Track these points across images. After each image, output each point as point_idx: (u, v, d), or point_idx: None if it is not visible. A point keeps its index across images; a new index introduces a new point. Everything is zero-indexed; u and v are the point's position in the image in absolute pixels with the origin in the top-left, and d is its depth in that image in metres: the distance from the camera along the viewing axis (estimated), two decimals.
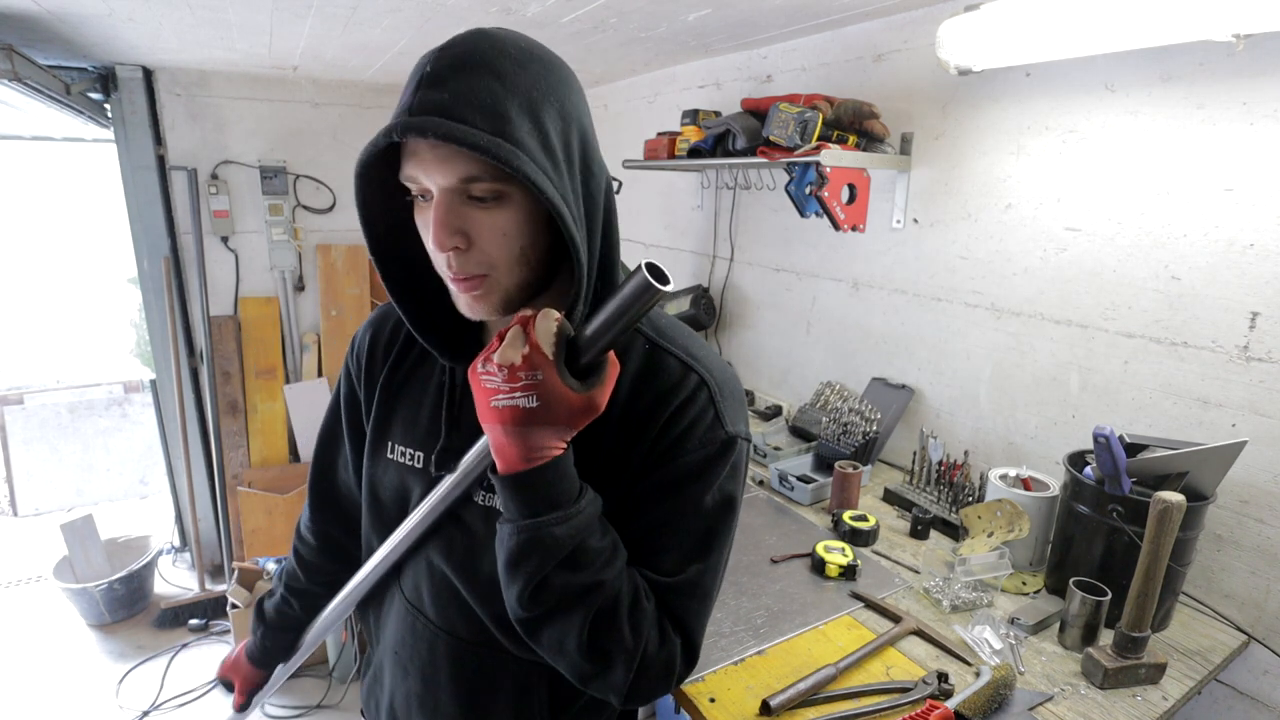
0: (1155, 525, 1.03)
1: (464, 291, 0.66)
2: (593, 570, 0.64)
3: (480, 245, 0.63)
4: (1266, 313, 1.19)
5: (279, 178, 2.98)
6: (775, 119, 1.71)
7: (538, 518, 0.62)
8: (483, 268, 0.64)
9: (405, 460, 0.81)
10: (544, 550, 0.62)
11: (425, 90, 0.58)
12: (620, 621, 0.65)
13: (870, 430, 1.75)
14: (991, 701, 1.00)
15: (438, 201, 0.61)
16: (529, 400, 0.58)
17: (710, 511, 0.70)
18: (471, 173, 0.59)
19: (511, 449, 0.61)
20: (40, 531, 3.65)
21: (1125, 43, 1.19)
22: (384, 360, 0.85)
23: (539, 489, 0.62)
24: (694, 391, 0.70)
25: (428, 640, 0.82)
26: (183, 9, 1.78)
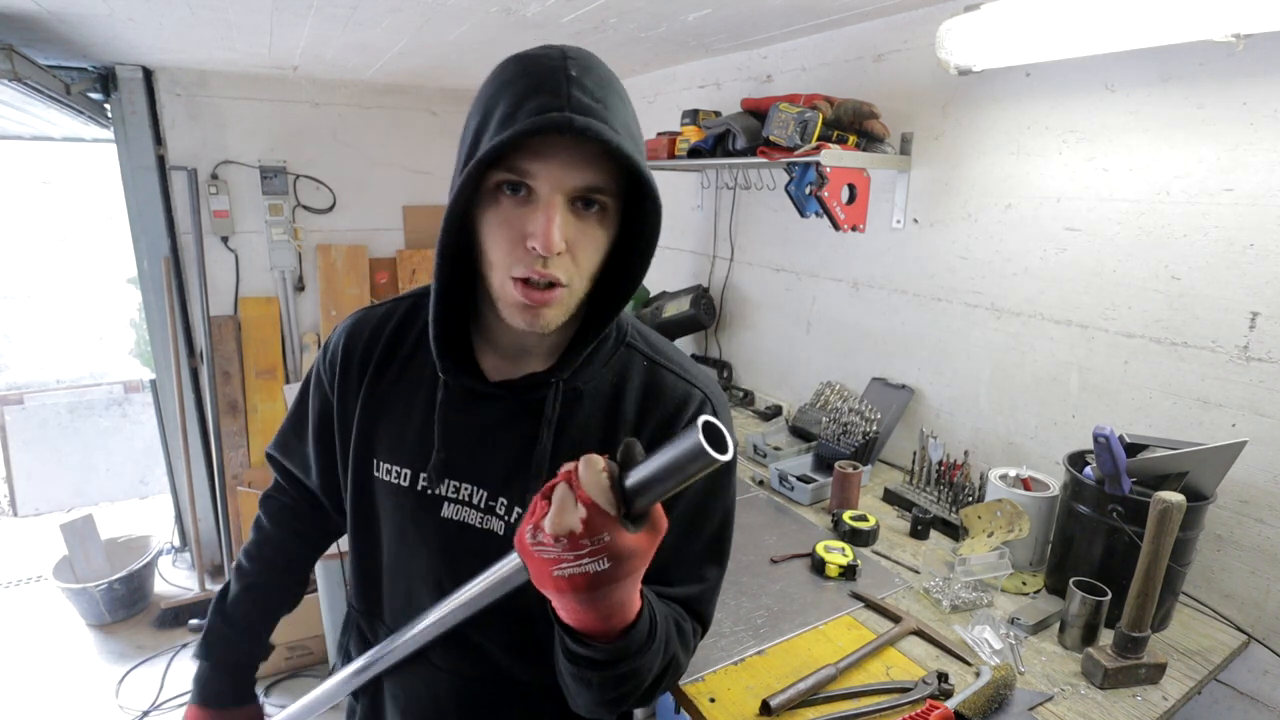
0: (1155, 525, 1.03)
1: (535, 300, 0.64)
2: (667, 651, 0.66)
3: (574, 254, 0.64)
4: (1266, 313, 1.19)
5: (279, 178, 2.98)
6: (775, 119, 1.71)
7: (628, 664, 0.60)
8: (565, 276, 0.64)
9: (392, 479, 0.78)
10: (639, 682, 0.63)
11: (575, 91, 0.59)
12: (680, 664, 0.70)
13: (870, 430, 1.75)
14: (991, 701, 1.00)
15: (551, 202, 0.61)
16: (599, 564, 0.51)
17: (721, 521, 0.75)
18: (597, 183, 0.62)
19: (588, 615, 0.55)
20: (40, 531, 3.64)
21: (1125, 43, 1.19)
22: (361, 371, 0.81)
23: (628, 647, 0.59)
24: (698, 409, 0.73)
25: (428, 683, 0.80)
26: (183, 9, 1.78)
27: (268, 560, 0.97)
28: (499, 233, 0.63)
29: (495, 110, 0.61)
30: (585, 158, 0.61)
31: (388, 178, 3.24)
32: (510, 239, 0.63)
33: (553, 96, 0.59)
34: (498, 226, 0.63)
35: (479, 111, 0.64)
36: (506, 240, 0.63)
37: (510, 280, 0.64)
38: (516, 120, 0.59)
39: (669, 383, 0.74)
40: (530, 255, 0.62)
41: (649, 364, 0.75)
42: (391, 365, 0.80)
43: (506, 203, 0.63)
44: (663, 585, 0.71)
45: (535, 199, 0.62)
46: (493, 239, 0.64)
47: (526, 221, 0.62)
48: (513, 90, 0.61)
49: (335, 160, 3.12)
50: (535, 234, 0.61)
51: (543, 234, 0.60)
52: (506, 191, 0.63)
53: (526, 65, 0.62)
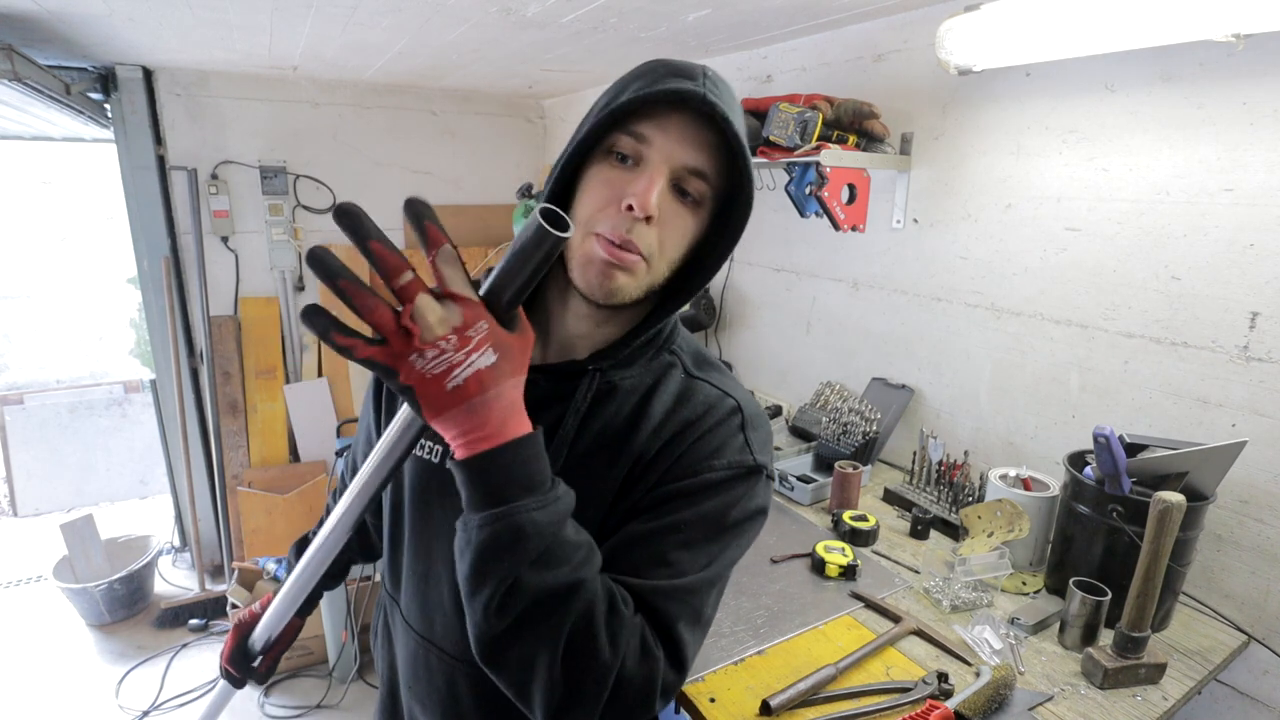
0: (1155, 525, 1.03)
1: (614, 261, 0.64)
2: (570, 567, 0.56)
3: (662, 229, 0.65)
4: (1266, 313, 1.19)
5: (279, 178, 2.98)
6: (775, 119, 1.71)
7: (511, 503, 0.53)
8: (649, 250, 0.65)
9: (423, 454, 0.78)
10: (518, 543, 0.53)
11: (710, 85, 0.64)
12: (597, 630, 0.56)
13: (870, 430, 1.75)
14: (991, 701, 1.00)
15: (659, 170, 0.64)
16: (488, 356, 0.51)
17: (721, 529, 0.68)
18: (703, 167, 0.65)
19: (486, 427, 0.53)
20: (40, 531, 3.64)
21: (1125, 43, 1.19)
22: None
23: (513, 468, 0.54)
24: (728, 415, 0.71)
25: (444, 674, 0.79)
26: (183, 9, 1.78)
27: None
28: (598, 190, 0.65)
29: (631, 86, 0.65)
30: (701, 143, 0.65)
31: (388, 178, 3.24)
32: (606, 198, 0.65)
33: (690, 79, 0.63)
34: (599, 185, 0.66)
35: (614, 89, 0.67)
36: (602, 198, 0.65)
37: (592, 236, 0.65)
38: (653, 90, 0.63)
39: (703, 390, 0.74)
40: (619, 216, 0.63)
41: (686, 377, 0.75)
42: None
43: (613, 167, 0.66)
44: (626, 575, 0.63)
45: (643, 167, 0.65)
46: (589, 195, 0.66)
47: (628, 184, 0.64)
48: (653, 74, 0.65)
49: (335, 160, 3.12)
50: (634, 194, 0.62)
51: (642, 194, 0.62)
52: (617, 159, 0.66)
53: (667, 62, 0.67)
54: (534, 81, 2.89)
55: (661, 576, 0.64)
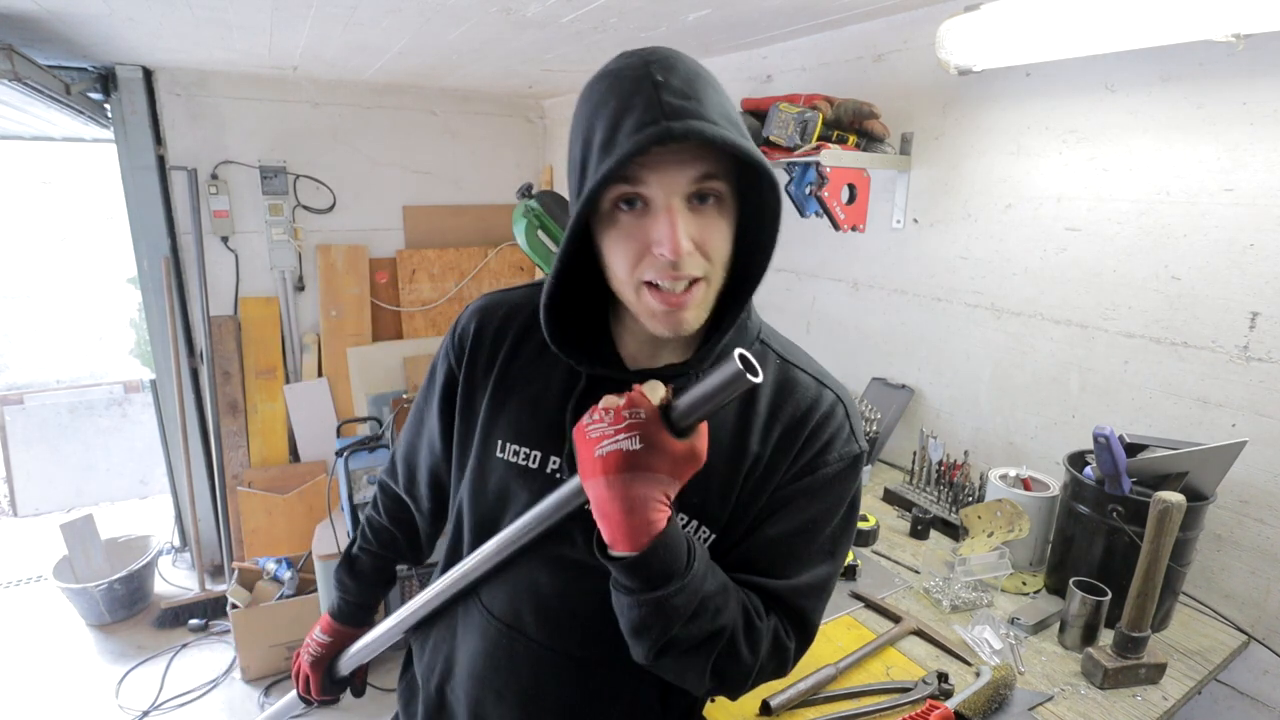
0: (1155, 525, 1.04)
1: (676, 304, 0.65)
2: (711, 618, 0.65)
3: (703, 249, 0.64)
4: (1266, 313, 1.19)
5: (279, 178, 2.98)
6: (775, 119, 1.71)
7: (655, 592, 0.61)
8: (701, 269, 0.65)
9: (518, 460, 0.77)
10: (666, 618, 0.62)
11: (666, 96, 0.60)
12: (739, 647, 0.67)
13: (870, 430, 1.75)
14: (991, 701, 1.00)
15: (670, 207, 0.62)
16: (632, 441, 0.58)
17: (842, 519, 0.75)
18: (708, 173, 0.63)
19: (615, 503, 0.59)
20: (40, 531, 3.64)
21: (1125, 43, 1.19)
22: (491, 353, 0.82)
23: (652, 567, 0.61)
24: (832, 408, 0.75)
25: (530, 662, 0.78)
26: (183, 9, 1.78)
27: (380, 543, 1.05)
28: (623, 247, 0.65)
29: (595, 136, 0.62)
30: (691, 156, 0.62)
31: (388, 178, 3.24)
32: (635, 251, 0.64)
33: (645, 110, 0.59)
34: (620, 242, 0.65)
35: (579, 138, 0.65)
36: (632, 253, 0.64)
37: (644, 286, 0.65)
38: (617, 144, 0.60)
39: (802, 382, 0.76)
40: (659, 263, 0.63)
41: (782, 363, 0.78)
42: (525, 350, 0.81)
43: (624, 219, 0.64)
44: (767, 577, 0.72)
45: (652, 208, 0.63)
46: (618, 255, 0.65)
47: (649, 231, 0.63)
48: (606, 112, 0.62)
49: (335, 160, 3.11)
50: (661, 241, 0.62)
51: (669, 240, 0.61)
52: (623, 207, 0.64)
53: (612, 83, 0.63)
54: (534, 81, 2.89)
55: (798, 575, 0.72)
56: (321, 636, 1.05)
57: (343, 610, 1.05)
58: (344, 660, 1.04)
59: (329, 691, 1.07)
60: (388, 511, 1.03)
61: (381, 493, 1.04)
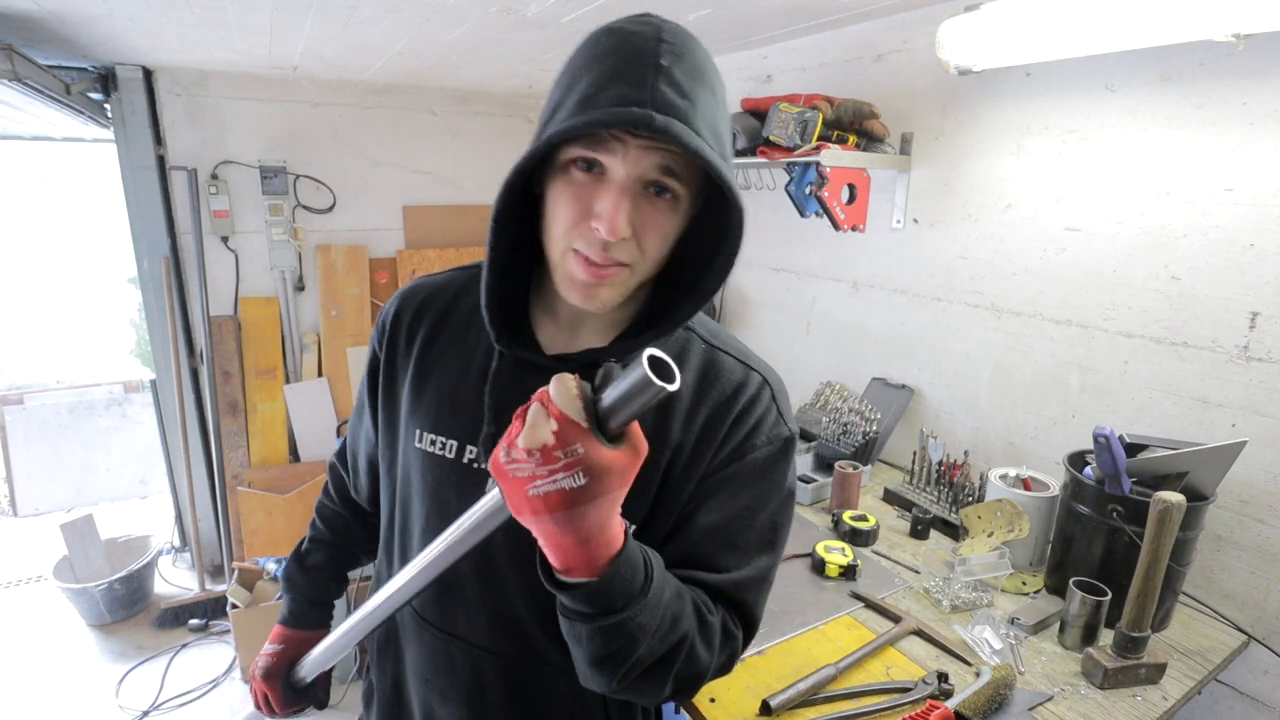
0: (1155, 525, 1.03)
1: (594, 276, 0.63)
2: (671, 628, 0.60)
3: (639, 238, 0.62)
4: (1266, 313, 1.19)
5: (279, 178, 2.98)
6: (775, 119, 1.71)
7: (619, 614, 0.55)
8: (629, 258, 0.63)
9: (434, 449, 0.75)
10: (631, 640, 0.57)
11: (663, 85, 0.57)
12: (698, 652, 0.64)
13: (870, 430, 1.75)
14: (991, 701, 1.00)
15: (623, 186, 0.60)
16: (574, 479, 0.49)
17: (777, 507, 0.72)
18: (674, 166, 0.60)
19: (565, 538, 0.52)
20: (40, 531, 3.64)
21: (1125, 43, 1.19)
22: (410, 336, 0.80)
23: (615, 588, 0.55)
24: (758, 391, 0.72)
25: (468, 664, 0.78)
26: (183, 9, 1.78)
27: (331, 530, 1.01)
28: (567, 205, 0.62)
29: (578, 85, 0.59)
30: (663, 148, 0.59)
31: (388, 178, 3.24)
32: (577, 213, 0.62)
33: (637, 88, 0.56)
34: (567, 199, 0.62)
35: (564, 82, 0.62)
36: (573, 214, 0.62)
37: (571, 252, 0.63)
38: (596, 104, 0.57)
39: (727, 365, 0.73)
40: (592, 235, 0.61)
41: (707, 347, 0.74)
42: (444, 334, 0.79)
43: (579, 177, 0.62)
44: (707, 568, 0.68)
45: (606, 180, 0.61)
46: (559, 210, 0.63)
47: (595, 199, 0.61)
48: (600, 68, 0.59)
49: (335, 160, 3.11)
50: (601, 216, 0.60)
51: (609, 218, 0.59)
52: (580, 167, 0.62)
53: (619, 42, 0.60)
54: (534, 81, 2.89)
55: (738, 567, 0.68)
56: (272, 647, 1.00)
57: (294, 613, 1.00)
58: (304, 667, 0.97)
59: (292, 701, 1.00)
60: (340, 495, 1.00)
61: (332, 476, 1.01)
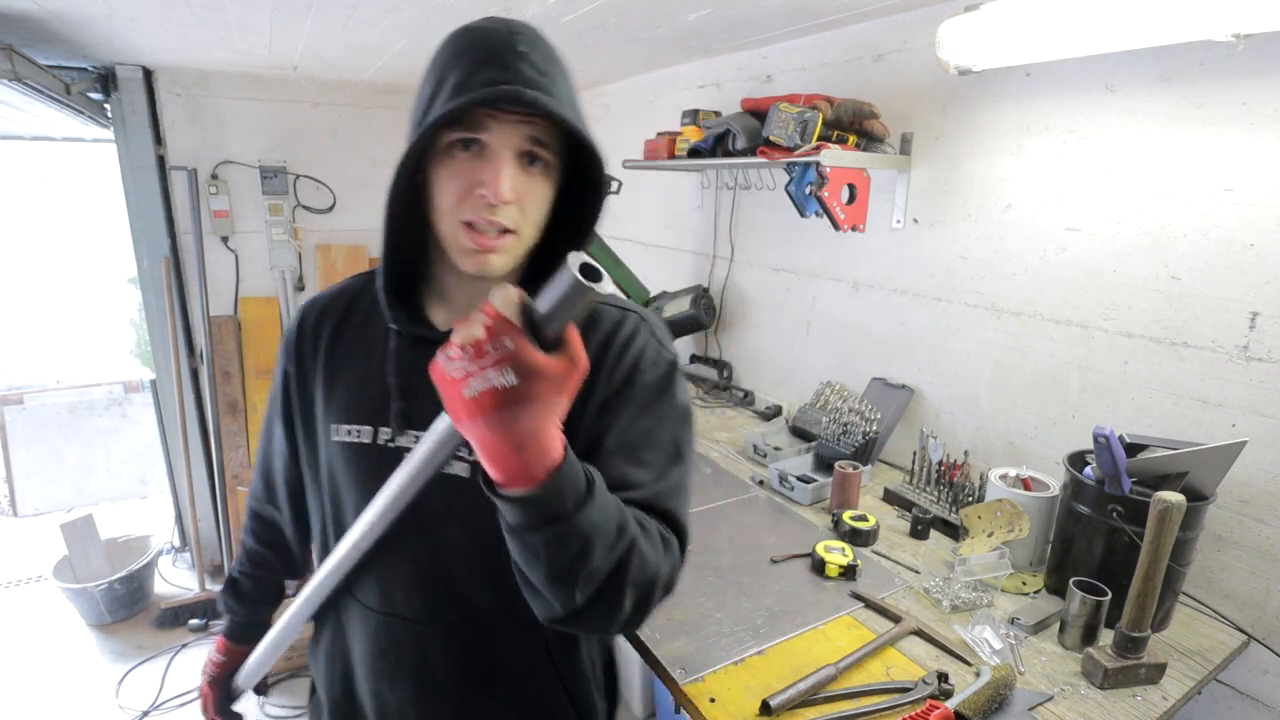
0: (1155, 525, 1.03)
1: (486, 246, 0.69)
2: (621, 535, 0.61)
3: (521, 204, 0.70)
4: (1266, 313, 1.19)
5: (279, 178, 2.98)
6: (775, 119, 1.71)
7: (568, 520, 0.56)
8: (513, 223, 0.70)
9: (352, 439, 0.80)
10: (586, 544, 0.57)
11: (523, 66, 0.66)
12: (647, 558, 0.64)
13: (870, 430, 1.75)
14: (991, 701, 1.00)
15: (502, 157, 0.67)
16: (504, 376, 0.49)
17: (676, 420, 0.78)
18: (543, 137, 0.69)
19: (502, 445, 0.52)
20: (40, 531, 3.64)
21: (1125, 43, 1.19)
22: (314, 343, 0.86)
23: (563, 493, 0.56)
24: (636, 326, 0.80)
25: (412, 641, 0.80)
26: (183, 9, 1.78)
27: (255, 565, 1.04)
28: (452, 183, 0.69)
29: (449, 78, 0.67)
30: (531, 119, 0.68)
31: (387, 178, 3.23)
32: (462, 188, 0.68)
33: (503, 70, 0.65)
34: (451, 178, 0.69)
35: (433, 79, 0.69)
36: (459, 189, 0.68)
37: (460, 225, 0.69)
38: (469, 88, 0.64)
39: (605, 313, 0.80)
40: (480, 203, 0.68)
41: None
42: (345, 334, 0.84)
43: (461, 156, 0.69)
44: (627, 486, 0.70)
45: (486, 154, 0.68)
46: (445, 188, 0.69)
47: (478, 173, 0.68)
48: (466, 61, 0.67)
49: (335, 160, 3.12)
50: (486, 183, 0.67)
51: (494, 183, 0.66)
52: (460, 148, 0.68)
53: (477, 38, 0.68)
54: None
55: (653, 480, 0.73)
56: (217, 656, 1.05)
57: (233, 630, 1.05)
58: (242, 677, 1.03)
59: (225, 713, 1.06)
60: (256, 534, 1.03)
61: (250, 517, 1.04)
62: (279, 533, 1.01)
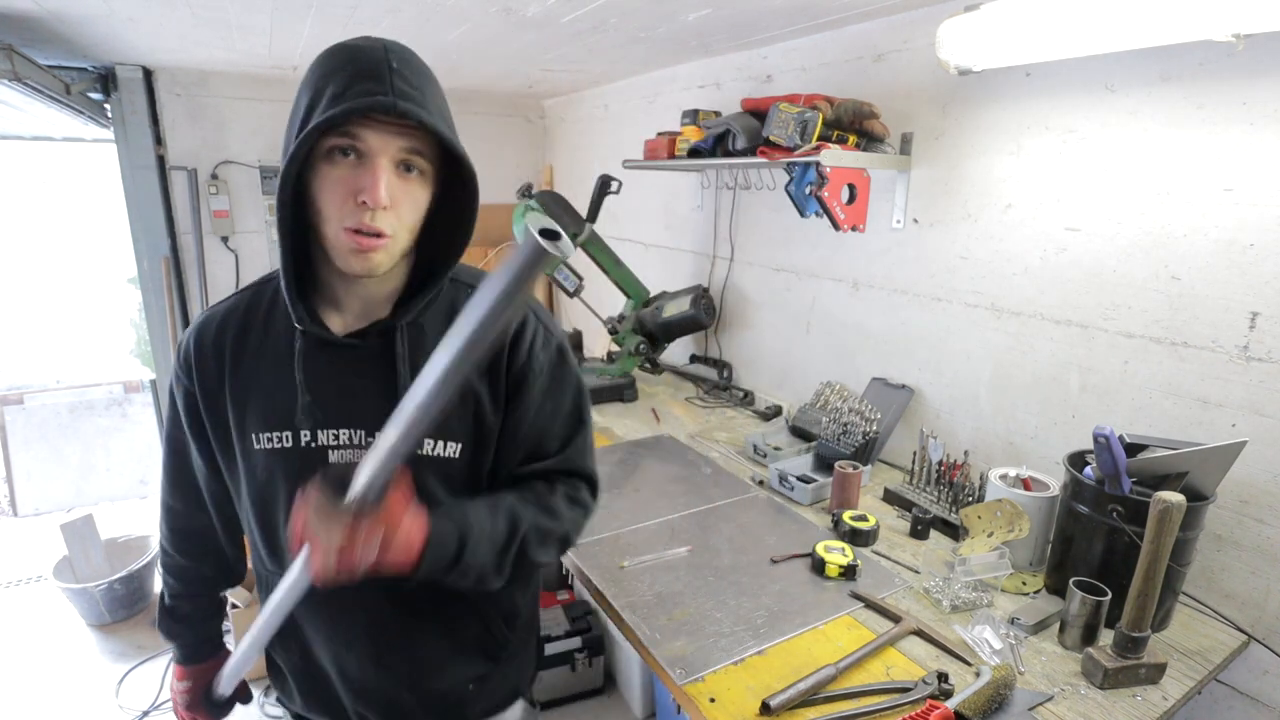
0: (1155, 525, 1.03)
1: (365, 247, 0.75)
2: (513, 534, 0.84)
3: (397, 209, 0.76)
4: (1266, 313, 1.19)
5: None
6: (775, 119, 1.71)
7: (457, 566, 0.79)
8: (390, 228, 0.75)
9: (274, 445, 0.85)
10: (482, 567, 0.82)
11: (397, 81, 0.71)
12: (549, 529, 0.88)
13: (870, 430, 1.75)
14: (991, 701, 1.00)
15: (382, 165, 0.73)
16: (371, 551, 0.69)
17: (574, 394, 0.93)
18: (418, 146, 0.75)
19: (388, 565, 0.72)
20: (40, 531, 3.64)
21: (1125, 43, 1.19)
22: (219, 360, 0.88)
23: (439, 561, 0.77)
24: (523, 321, 0.88)
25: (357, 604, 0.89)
26: (183, 9, 1.78)
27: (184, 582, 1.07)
28: (334, 189, 0.74)
29: (326, 90, 0.71)
30: (406, 132, 0.73)
31: None
32: (343, 195, 0.74)
33: (378, 83, 0.70)
34: (333, 184, 0.74)
35: (309, 91, 0.74)
36: (340, 196, 0.74)
37: (343, 230, 0.75)
38: (346, 99, 0.69)
39: None
40: (360, 209, 0.73)
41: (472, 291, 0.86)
42: (248, 346, 0.88)
43: (341, 163, 0.74)
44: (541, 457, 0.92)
45: (365, 162, 0.73)
46: (327, 195, 0.74)
47: (358, 180, 0.73)
48: (342, 75, 0.71)
49: None
50: (365, 189, 0.72)
51: (371, 189, 0.72)
52: (340, 155, 0.73)
53: (353, 54, 0.73)
54: (534, 81, 2.89)
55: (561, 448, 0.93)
56: (181, 684, 1.08)
57: (187, 655, 1.08)
58: (221, 684, 1.05)
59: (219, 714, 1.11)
60: (184, 552, 1.04)
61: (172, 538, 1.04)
62: (210, 541, 1.04)
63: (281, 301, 0.85)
